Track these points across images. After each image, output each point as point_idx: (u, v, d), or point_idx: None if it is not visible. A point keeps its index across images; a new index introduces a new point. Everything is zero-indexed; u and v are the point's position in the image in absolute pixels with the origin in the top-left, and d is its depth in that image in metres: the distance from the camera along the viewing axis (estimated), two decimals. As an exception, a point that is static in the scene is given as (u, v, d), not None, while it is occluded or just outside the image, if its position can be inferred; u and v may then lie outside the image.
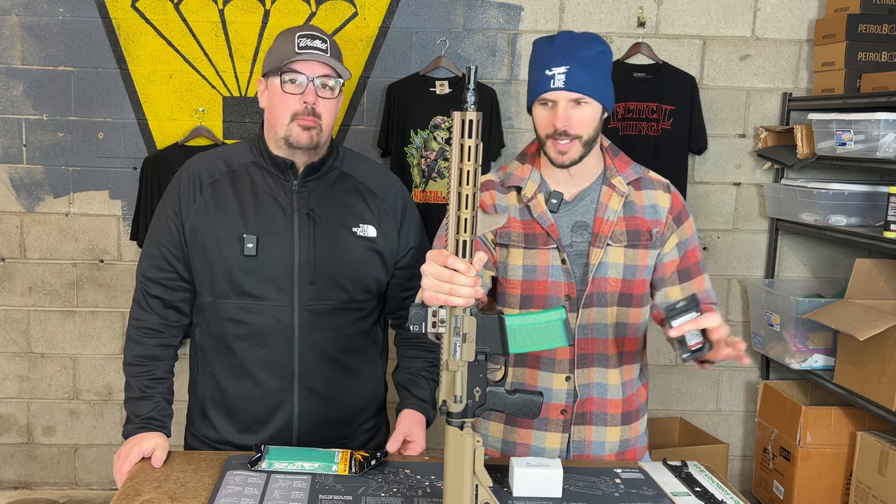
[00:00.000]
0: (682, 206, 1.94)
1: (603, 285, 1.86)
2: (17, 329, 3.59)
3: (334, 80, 1.88)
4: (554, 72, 1.78)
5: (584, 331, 1.87)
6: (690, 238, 1.93)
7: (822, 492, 3.28)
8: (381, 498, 1.65)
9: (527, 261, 1.87)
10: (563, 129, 1.79)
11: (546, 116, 1.82)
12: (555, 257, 1.86)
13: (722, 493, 1.73)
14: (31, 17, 3.39)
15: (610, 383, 1.90)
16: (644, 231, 1.88)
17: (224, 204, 1.90)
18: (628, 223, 1.88)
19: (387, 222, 1.97)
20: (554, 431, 1.90)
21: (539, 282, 1.87)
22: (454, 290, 1.38)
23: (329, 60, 1.86)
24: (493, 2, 3.48)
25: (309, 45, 1.85)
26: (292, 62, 1.84)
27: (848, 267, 3.31)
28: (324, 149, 1.94)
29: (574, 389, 1.88)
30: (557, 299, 1.86)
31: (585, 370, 1.88)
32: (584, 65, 1.79)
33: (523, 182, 1.90)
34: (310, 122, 1.85)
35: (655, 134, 3.44)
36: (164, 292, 1.94)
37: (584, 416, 1.89)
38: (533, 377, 1.90)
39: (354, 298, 1.94)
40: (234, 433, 1.96)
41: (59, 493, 3.66)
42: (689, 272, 1.92)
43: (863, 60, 3.28)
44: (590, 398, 1.89)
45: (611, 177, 1.90)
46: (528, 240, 1.87)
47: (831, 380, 3.21)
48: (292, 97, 1.85)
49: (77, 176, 3.50)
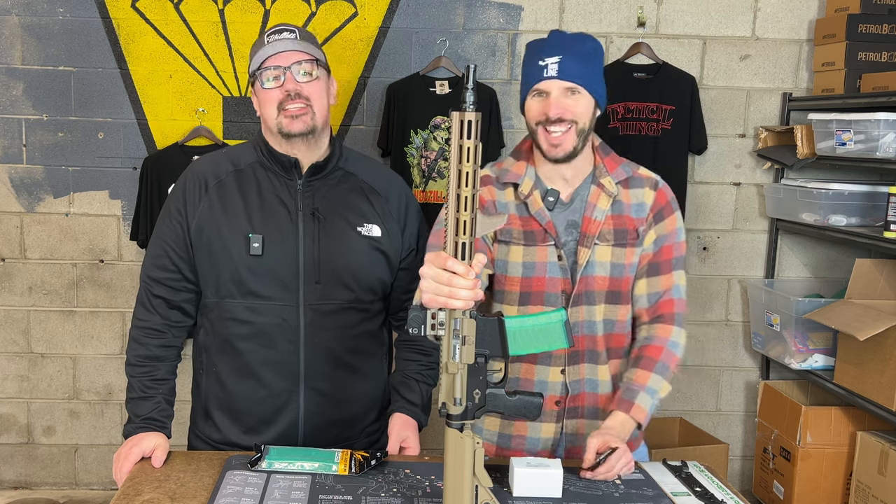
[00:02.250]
0: (667, 202, 1.93)
1: (591, 284, 1.87)
2: (17, 329, 3.59)
3: (312, 63, 1.88)
4: (547, 62, 1.79)
5: (574, 328, 1.88)
6: (670, 234, 1.92)
7: (822, 492, 3.28)
8: (381, 498, 1.65)
9: (526, 258, 1.88)
10: (558, 115, 1.79)
11: (539, 107, 1.82)
12: (552, 254, 1.87)
13: (722, 493, 1.73)
14: (31, 17, 3.39)
15: (600, 379, 1.92)
16: (631, 230, 1.90)
17: (229, 204, 1.91)
18: (616, 222, 1.89)
19: (391, 222, 1.97)
20: (549, 422, 1.92)
21: (537, 278, 1.87)
22: (453, 292, 1.38)
23: (299, 45, 1.87)
24: (493, 2, 3.48)
25: (277, 38, 1.87)
26: (266, 60, 1.86)
27: (848, 267, 3.31)
28: (324, 137, 1.93)
29: (565, 385, 1.90)
30: (555, 295, 1.87)
31: (576, 367, 1.90)
32: (576, 56, 1.80)
33: (520, 179, 1.90)
34: (298, 109, 1.86)
35: (655, 134, 3.44)
36: (168, 293, 1.94)
37: (576, 410, 1.91)
38: (529, 371, 1.91)
39: (360, 298, 1.94)
40: (239, 434, 1.95)
41: (59, 493, 3.66)
42: (658, 267, 1.92)
43: (863, 60, 3.28)
44: (581, 393, 1.91)
45: (600, 176, 1.90)
46: (528, 237, 1.88)
47: (831, 380, 3.21)
48: (274, 91, 1.86)
49: (77, 176, 3.50)
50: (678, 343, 1.90)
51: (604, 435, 1.75)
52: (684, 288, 1.94)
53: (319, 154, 1.94)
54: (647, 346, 1.90)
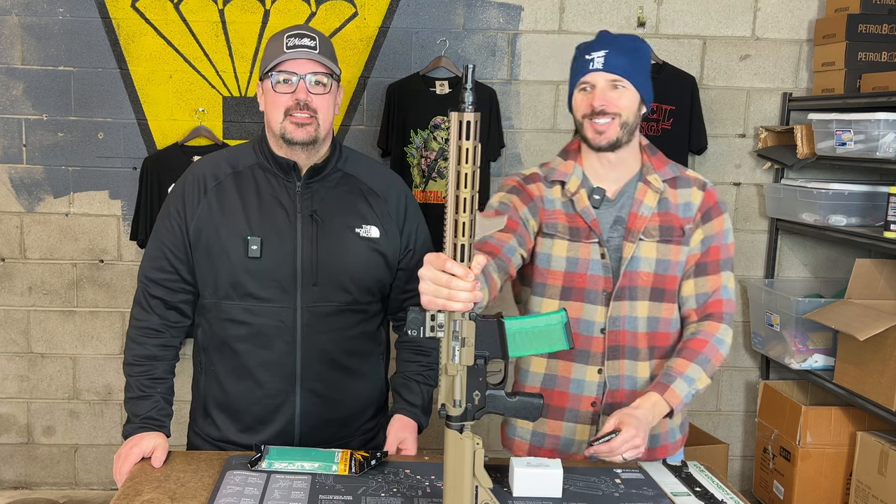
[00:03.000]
0: (716, 203, 1.95)
1: (635, 279, 1.89)
2: (17, 329, 3.59)
3: (326, 76, 1.88)
4: (593, 56, 1.84)
5: (615, 323, 1.90)
6: (717, 235, 1.94)
7: (822, 492, 3.28)
8: (381, 498, 1.65)
9: (570, 253, 1.90)
10: (601, 107, 1.82)
11: (584, 99, 1.86)
12: (595, 252, 1.89)
13: (722, 493, 1.73)
14: (31, 17, 3.39)
15: (639, 376, 1.92)
16: (677, 227, 1.91)
17: (228, 206, 1.91)
18: (662, 219, 1.91)
19: (389, 223, 1.97)
20: (584, 423, 1.93)
21: (579, 274, 1.90)
22: (452, 294, 1.37)
23: (318, 57, 1.86)
24: (493, 2, 3.47)
25: (297, 43, 1.86)
26: (282, 62, 1.85)
27: (848, 267, 3.31)
28: (325, 145, 1.94)
29: (604, 381, 1.91)
30: (595, 292, 1.89)
31: (616, 362, 1.91)
32: (622, 51, 1.84)
33: (567, 177, 1.93)
34: (304, 118, 1.85)
35: (655, 134, 3.44)
36: (166, 293, 1.94)
37: (613, 406, 1.91)
38: (566, 369, 1.93)
39: (357, 300, 1.94)
40: (237, 433, 1.96)
41: (59, 493, 3.66)
42: (706, 267, 1.93)
43: (863, 60, 3.28)
44: (619, 390, 1.92)
45: (647, 174, 1.93)
46: (573, 233, 1.90)
47: (831, 380, 3.21)
48: (284, 96, 1.86)
49: (77, 176, 3.50)
50: (724, 340, 1.91)
51: (624, 414, 1.74)
52: (733, 289, 1.95)
53: (319, 158, 1.94)
54: (692, 339, 1.90)
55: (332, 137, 1.97)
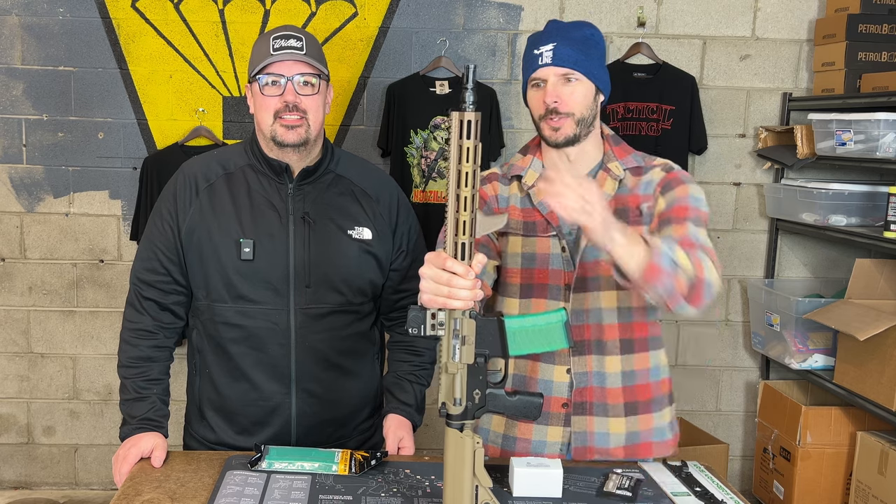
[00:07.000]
0: (676, 177, 1.83)
1: (595, 269, 1.82)
2: (17, 329, 3.59)
3: (314, 77, 1.87)
4: (542, 50, 1.78)
5: (579, 317, 1.84)
6: (682, 197, 1.78)
7: (822, 492, 3.28)
8: (381, 498, 1.65)
9: (526, 248, 1.86)
10: (553, 105, 1.77)
11: (537, 97, 1.81)
12: (555, 245, 1.85)
13: (722, 493, 1.73)
14: (31, 17, 3.39)
15: (608, 371, 1.85)
16: (633, 208, 1.83)
17: (220, 207, 1.90)
18: (617, 202, 1.83)
19: (382, 224, 1.97)
20: (555, 425, 1.88)
21: (539, 270, 1.85)
22: (452, 293, 1.37)
23: (305, 58, 1.85)
24: (493, 2, 3.48)
25: (284, 45, 1.85)
26: (269, 64, 1.84)
27: (848, 267, 3.31)
28: (316, 146, 1.93)
29: (572, 383, 1.86)
30: (557, 288, 1.84)
31: (582, 358, 1.85)
32: (571, 42, 1.78)
33: (524, 171, 1.89)
34: (293, 120, 1.84)
35: (655, 134, 3.44)
36: (158, 295, 1.93)
37: (583, 405, 1.86)
38: (534, 369, 1.88)
39: (350, 301, 1.94)
40: (233, 435, 1.96)
41: (59, 493, 3.66)
42: (669, 220, 1.76)
43: (863, 60, 3.28)
44: (587, 387, 1.86)
45: (607, 161, 1.87)
46: (528, 227, 1.86)
47: (831, 380, 3.21)
48: (273, 98, 1.85)
49: (77, 176, 3.50)
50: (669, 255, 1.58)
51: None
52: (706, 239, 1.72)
53: (311, 159, 1.94)
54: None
55: (323, 138, 1.97)
